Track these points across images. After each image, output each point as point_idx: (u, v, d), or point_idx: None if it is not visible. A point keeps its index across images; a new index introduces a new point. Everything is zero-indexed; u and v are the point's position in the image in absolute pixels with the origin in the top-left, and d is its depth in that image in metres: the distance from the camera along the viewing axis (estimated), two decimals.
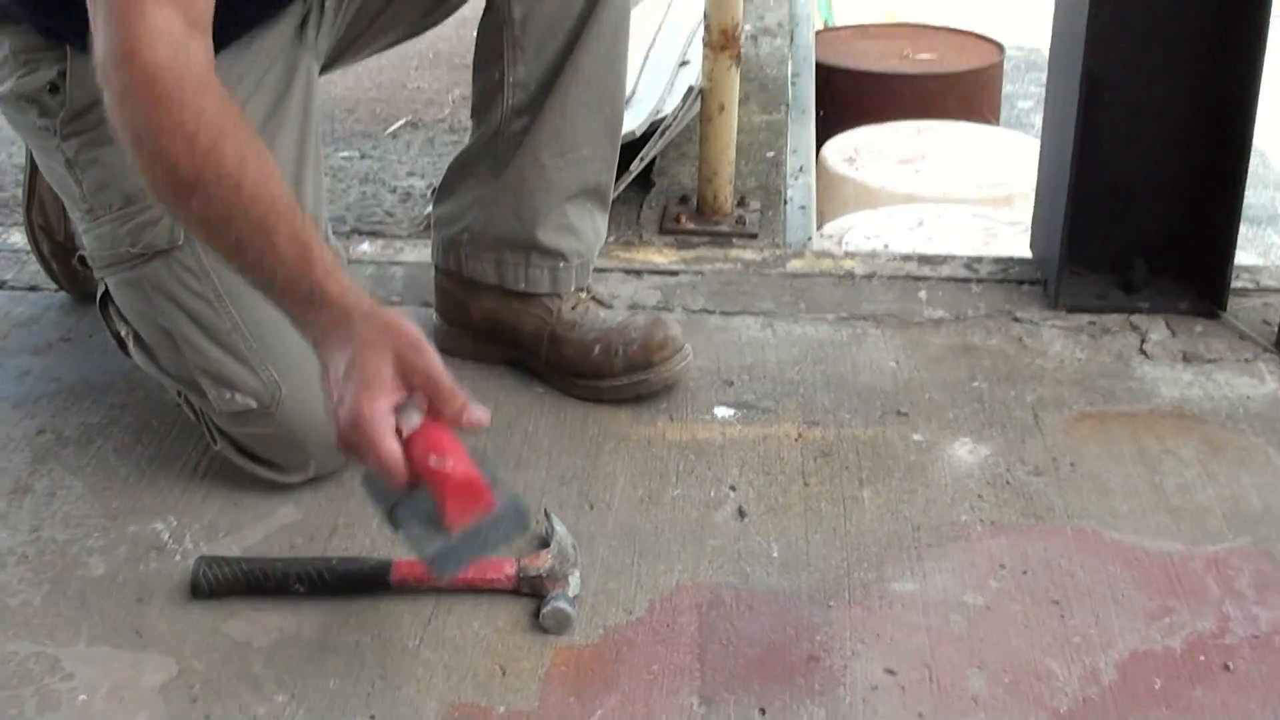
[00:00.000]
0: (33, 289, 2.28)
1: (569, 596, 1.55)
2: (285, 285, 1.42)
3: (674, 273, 2.37)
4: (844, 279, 2.34)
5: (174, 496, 1.77)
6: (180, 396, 1.81)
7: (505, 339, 2.03)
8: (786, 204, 2.93)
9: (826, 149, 4.48)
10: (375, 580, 1.58)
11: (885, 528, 1.71)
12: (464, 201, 2.01)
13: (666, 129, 2.80)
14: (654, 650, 1.51)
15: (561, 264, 1.99)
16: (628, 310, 2.13)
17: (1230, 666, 1.49)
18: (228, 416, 1.74)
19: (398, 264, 2.38)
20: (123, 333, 1.80)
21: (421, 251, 2.34)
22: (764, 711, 1.43)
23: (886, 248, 3.31)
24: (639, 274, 2.36)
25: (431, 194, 2.21)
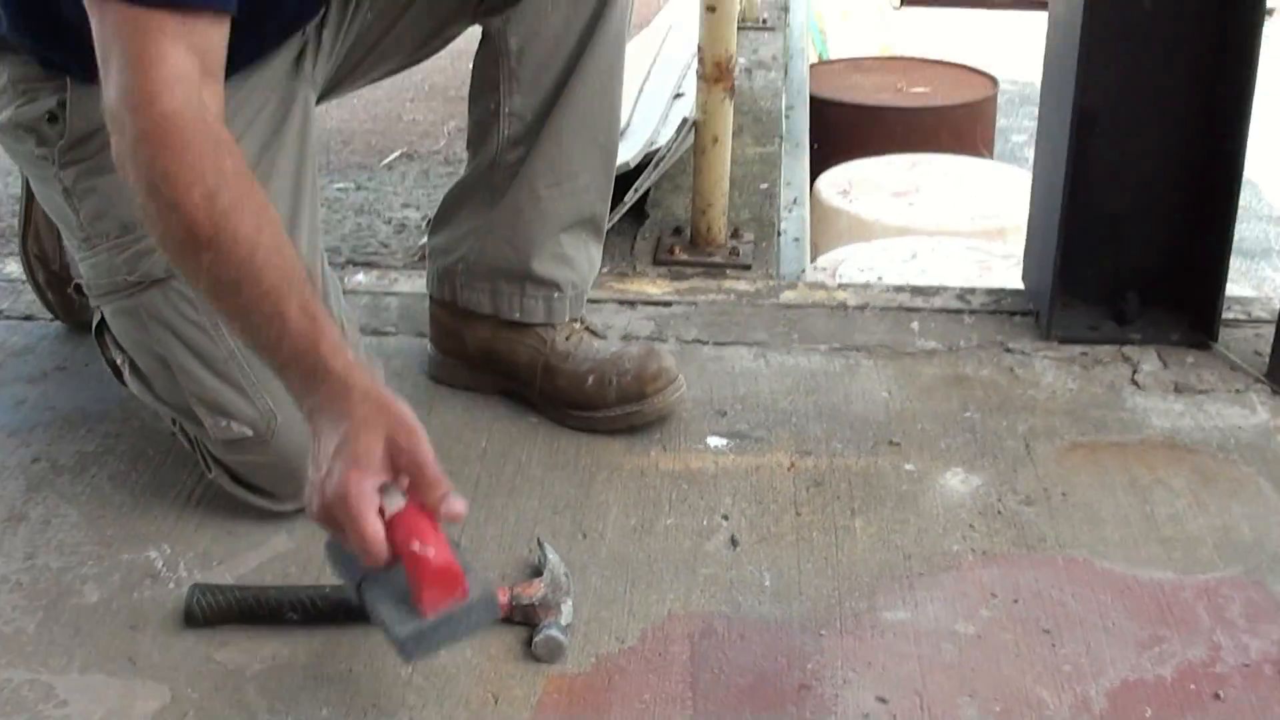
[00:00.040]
0: (28, 318, 2.29)
1: (562, 625, 1.55)
2: (290, 356, 1.41)
3: (667, 303, 2.38)
4: (837, 310, 2.35)
5: (168, 524, 1.77)
6: (175, 425, 1.81)
7: (499, 369, 2.04)
8: (780, 236, 2.94)
9: (821, 182, 4.50)
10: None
11: (877, 557, 1.71)
12: (459, 231, 2.02)
13: (660, 161, 2.82)
14: (646, 679, 1.51)
15: (556, 294, 2.00)
16: (621, 341, 2.14)
17: (1221, 695, 1.49)
18: (223, 445, 1.74)
19: (392, 294, 2.38)
20: (118, 361, 1.81)
21: (416, 282, 2.35)
22: None
23: (880, 280, 3.32)
24: (633, 305, 2.37)
25: (426, 225, 2.22)
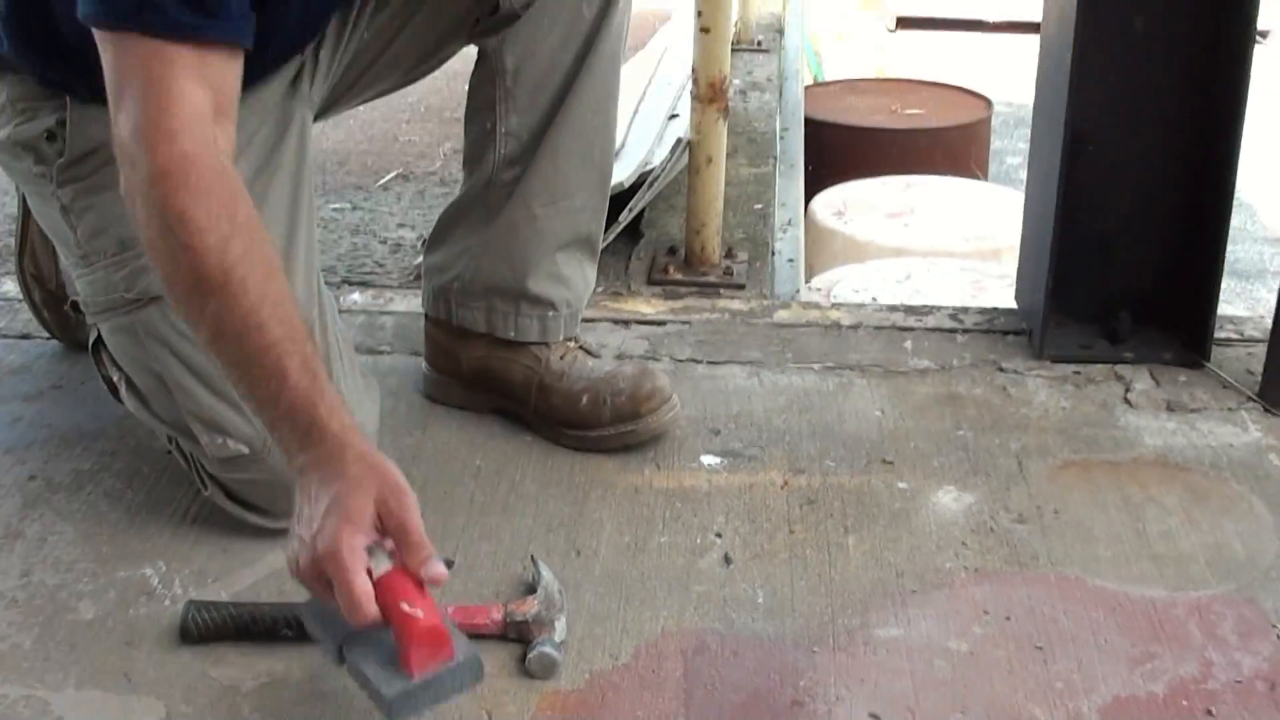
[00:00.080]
0: (24, 337, 2.29)
1: (555, 642, 1.56)
2: (287, 411, 1.41)
3: (661, 323, 2.38)
4: (830, 329, 2.36)
5: (163, 542, 1.78)
6: (171, 442, 1.82)
7: (494, 387, 2.05)
8: (774, 256, 2.95)
9: (815, 203, 4.51)
10: None
11: (870, 574, 1.72)
12: (455, 250, 2.03)
13: (655, 180, 2.82)
14: (639, 696, 1.52)
15: (551, 313, 2.01)
16: (615, 360, 2.14)
17: (1213, 712, 1.49)
18: (219, 462, 1.74)
19: (387, 314, 2.39)
20: (115, 378, 1.81)
21: (411, 301, 2.36)
22: None
23: (874, 300, 3.33)
24: (627, 324, 2.38)
25: (422, 245, 2.22)
